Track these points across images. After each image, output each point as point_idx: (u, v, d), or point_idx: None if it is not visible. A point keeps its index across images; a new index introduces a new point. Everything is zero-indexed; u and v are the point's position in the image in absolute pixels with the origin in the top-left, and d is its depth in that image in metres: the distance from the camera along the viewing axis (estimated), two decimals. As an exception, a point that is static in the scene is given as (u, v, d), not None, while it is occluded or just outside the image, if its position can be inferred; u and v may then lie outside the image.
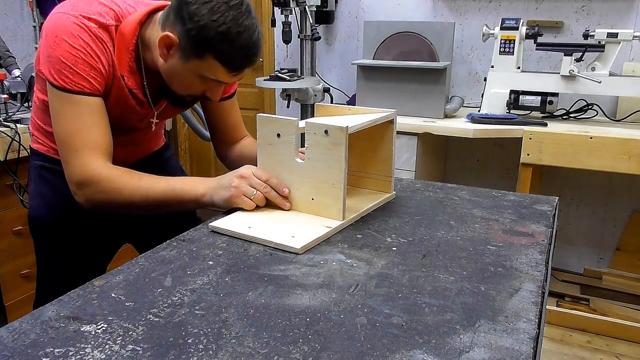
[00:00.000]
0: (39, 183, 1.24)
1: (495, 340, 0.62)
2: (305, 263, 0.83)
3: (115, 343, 0.61)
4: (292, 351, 0.60)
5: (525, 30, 2.28)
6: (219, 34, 0.98)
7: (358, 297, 0.72)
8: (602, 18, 2.46)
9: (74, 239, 1.25)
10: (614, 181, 2.56)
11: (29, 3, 2.54)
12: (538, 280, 0.78)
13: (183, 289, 0.74)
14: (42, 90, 1.11)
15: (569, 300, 2.47)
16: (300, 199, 1.00)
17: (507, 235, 0.95)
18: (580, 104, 2.38)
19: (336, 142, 0.93)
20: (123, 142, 1.19)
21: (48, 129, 1.15)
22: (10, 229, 1.92)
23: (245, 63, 1.05)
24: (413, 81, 2.36)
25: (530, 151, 2.08)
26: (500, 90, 2.33)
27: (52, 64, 1.00)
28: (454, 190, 1.21)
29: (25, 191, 1.85)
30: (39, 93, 1.14)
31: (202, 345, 0.61)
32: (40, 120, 1.20)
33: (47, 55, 1.01)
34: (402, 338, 0.63)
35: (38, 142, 1.23)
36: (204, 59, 1.01)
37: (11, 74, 2.07)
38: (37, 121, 1.21)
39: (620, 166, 1.97)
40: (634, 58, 2.45)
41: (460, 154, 2.84)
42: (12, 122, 1.83)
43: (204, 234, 0.93)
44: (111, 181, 1.03)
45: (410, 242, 0.91)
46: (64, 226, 1.23)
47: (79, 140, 1.03)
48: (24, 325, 0.64)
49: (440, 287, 0.75)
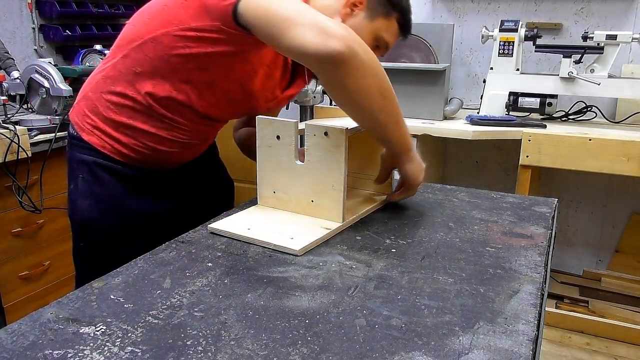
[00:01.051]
0: (90, 181, 1.11)
1: (494, 342, 0.62)
2: (304, 265, 0.82)
3: (114, 345, 0.61)
4: (291, 353, 0.60)
5: (525, 32, 2.28)
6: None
7: (357, 298, 0.72)
8: (601, 20, 2.46)
9: (123, 242, 1.14)
10: (613, 183, 2.56)
11: (28, 4, 2.53)
12: (537, 282, 0.78)
13: (182, 290, 0.74)
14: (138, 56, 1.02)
15: (568, 302, 2.47)
16: (299, 200, 1.00)
17: (506, 237, 0.96)
18: (579, 105, 2.38)
19: (336, 144, 0.93)
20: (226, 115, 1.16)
21: (115, 116, 1.06)
22: (10, 230, 1.92)
23: (408, 32, 1.13)
24: (412, 83, 2.36)
25: (530, 153, 2.08)
26: (499, 92, 2.34)
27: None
28: (453, 192, 1.21)
29: (24, 191, 1.86)
30: (122, 69, 1.05)
31: (201, 347, 0.60)
32: (105, 106, 1.07)
33: None
34: (401, 340, 0.63)
35: (92, 133, 1.09)
36: (389, 18, 1.07)
37: (10, 75, 2.06)
38: (101, 107, 1.08)
39: (619, 168, 1.97)
40: (633, 60, 2.45)
41: (460, 155, 2.84)
42: (11, 124, 1.83)
43: (203, 236, 0.93)
44: (369, 53, 0.90)
45: (409, 244, 0.91)
46: (117, 230, 1.13)
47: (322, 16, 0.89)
48: (23, 327, 0.64)
49: (439, 289, 0.75)
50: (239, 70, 1.05)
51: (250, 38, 0.95)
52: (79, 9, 2.64)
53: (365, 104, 0.92)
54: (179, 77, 1.03)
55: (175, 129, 1.09)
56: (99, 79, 1.10)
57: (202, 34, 0.97)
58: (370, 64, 0.88)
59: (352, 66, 0.86)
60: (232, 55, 1.01)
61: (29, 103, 2.08)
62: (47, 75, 1.98)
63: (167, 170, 1.15)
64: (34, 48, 2.57)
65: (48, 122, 1.97)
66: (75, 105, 1.15)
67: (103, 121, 1.08)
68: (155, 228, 1.17)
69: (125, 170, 1.10)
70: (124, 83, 1.05)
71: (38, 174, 1.91)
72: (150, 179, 1.13)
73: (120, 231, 1.13)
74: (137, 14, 1.08)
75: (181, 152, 1.14)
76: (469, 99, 2.70)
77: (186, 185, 1.20)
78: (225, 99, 1.09)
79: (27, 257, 2.00)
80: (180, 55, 1.00)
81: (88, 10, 2.68)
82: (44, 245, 2.06)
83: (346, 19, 1.04)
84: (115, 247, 1.12)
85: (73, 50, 2.61)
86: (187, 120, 1.08)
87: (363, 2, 1.04)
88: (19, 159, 1.83)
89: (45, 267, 2.07)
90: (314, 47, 0.84)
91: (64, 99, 1.97)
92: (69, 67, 2.14)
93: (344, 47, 0.84)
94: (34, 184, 1.92)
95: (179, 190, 1.18)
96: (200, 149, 1.21)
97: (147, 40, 1.01)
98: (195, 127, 1.11)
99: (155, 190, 1.14)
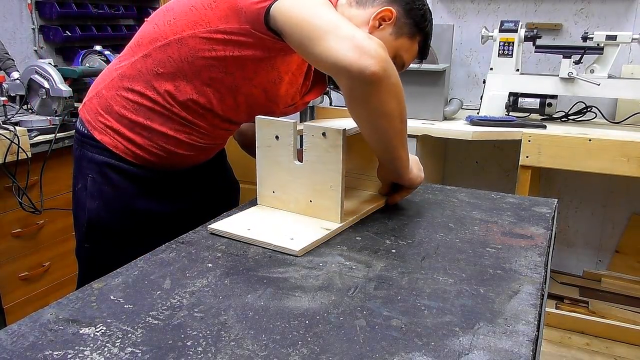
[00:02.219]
0: (100, 182, 1.09)
1: (494, 343, 0.62)
2: (304, 265, 0.82)
3: (114, 346, 0.61)
4: (291, 353, 0.60)
5: (524, 32, 2.29)
6: (430, 22, 1.09)
7: (357, 299, 0.72)
8: (601, 20, 2.46)
9: (130, 243, 1.11)
10: (612, 183, 2.56)
11: (28, 5, 2.53)
12: (537, 282, 0.78)
13: (182, 291, 0.74)
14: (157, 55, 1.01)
15: (568, 302, 2.47)
16: (298, 201, 1.00)
17: (506, 238, 0.95)
18: (579, 106, 2.38)
19: (334, 145, 0.93)
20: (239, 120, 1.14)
21: (132, 116, 1.04)
22: (9, 231, 1.92)
23: (425, 57, 1.15)
24: (412, 83, 2.36)
25: (529, 153, 2.08)
26: (499, 92, 2.34)
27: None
28: (453, 193, 1.21)
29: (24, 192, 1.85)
30: (141, 68, 1.03)
31: (201, 348, 0.60)
32: (121, 105, 1.05)
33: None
34: (401, 340, 0.63)
35: (105, 132, 1.07)
36: (413, 39, 1.08)
37: (10, 76, 2.06)
38: (116, 106, 1.05)
39: (619, 168, 1.97)
40: (633, 60, 2.45)
41: (459, 156, 2.84)
42: (11, 125, 1.83)
43: (203, 236, 0.93)
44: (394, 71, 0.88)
45: (409, 245, 0.91)
46: (124, 232, 1.11)
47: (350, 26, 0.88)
48: (23, 328, 0.64)
49: (439, 290, 0.75)
50: (264, 76, 1.04)
51: (279, 44, 0.94)
52: (78, 9, 2.64)
53: (385, 125, 0.91)
54: (202, 80, 1.01)
55: (195, 133, 1.08)
56: (115, 77, 1.07)
57: (230, 36, 0.96)
58: (398, 88, 0.88)
59: (382, 88, 0.84)
60: (259, 60, 0.99)
61: (29, 104, 2.08)
62: (47, 76, 1.98)
63: (177, 171, 1.14)
64: (33, 49, 2.57)
65: (48, 123, 1.97)
66: (87, 101, 1.12)
67: (118, 121, 1.06)
68: (163, 229, 1.13)
69: (135, 171, 1.09)
70: (143, 83, 1.03)
71: (38, 175, 1.91)
72: (160, 179, 1.12)
73: (129, 232, 1.11)
74: (160, 13, 1.05)
75: (197, 156, 1.13)
76: (469, 99, 2.70)
77: (194, 187, 1.20)
78: (246, 104, 1.07)
79: (27, 257, 2.00)
80: (205, 57, 0.98)
81: (88, 11, 2.68)
82: (44, 246, 2.05)
83: (373, 31, 1.03)
84: (122, 248, 1.08)
85: (73, 51, 2.61)
86: (206, 124, 1.07)
87: (393, 18, 1.03)
88: (19, 159, 1.83)
89: (45, 268, 2.07)
90: (347, 61, 0.82)
91: (63, 99, 1.97)
92: (68, 68, 2.14)
93: (378, 68, 0.82)
94: (33, 185, 1.92)
95: (187, 191, 1.18)
96: (214, 152, 1.21)
97: (172, 41, 1.00)
98: (214, 130, 1.10)
99: (165, 191, 1.13)
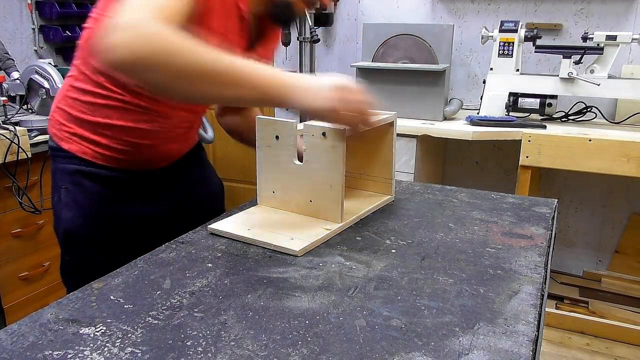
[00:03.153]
0: (73, 191, 1.09)
1: (494, 343, 0.62)
2: (304, 265, 0.82)
3: (114, 345, 0.61)
4: (291, 353, 0.60)
5: (524, 32, 2.29)
6: None
7: (357, 299, 0.72)
8: (601, 20, 2.46)
9: (110, 252, 1.07)
10: (612, 183, 2.56)
11: (28, 5, 2.53)
12: (537, 282, 0.78)
13: (182, 291, 0.74)
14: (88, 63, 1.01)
15: (568, 302, 2.47)
16: (298, 201, 1.00)
17: (506, 238, 0.96)
18: (579, 106, 2.38)
19: (334, 144, 0.93)
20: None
21: (90, 118, 1.05)
22: (9, 231, 1.92)
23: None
24: (412, 83, 2.36)
25: (529, 153, 2.08)
26: (499, 92, 2.34)
27: None
28: (453, 193, 1.21)
29: (24, 192, 1.85)
30: (84, 70, 1.04)
31: (201, 348, 0.60)
32: (78, 110, 1.06)
33: None
34: (401, 340, 0.63)
35: (71, 140, 1.08)
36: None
37: (10, 76, 2.07)
38: (75, 113, 1.06)
39: (619, 168, 1.97)
40: (633, 60, 2.45)
41: (459, 156, 2.84)
42: (11, 125, 1.83)
43: (202, 236, 0.93)
44: (160, 33, 0.78)
45: (409, 245, 0.91)
46: (103, 239, 1.10)
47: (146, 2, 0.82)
48: (23, 328, 0.64)
49: (439, 290, 0.75)
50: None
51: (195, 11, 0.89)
52: (78, 9, 2.64)
53: (185, 85, 0.81)
54: None
55: (155, 119, 1.07)
56: (67, 85, 1.11)
57: None
58: (156, 42, 0.77)
59: (124, 57, 0.77)
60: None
61: (29, 104, 2.08)
62: (47, 76, 1.98)
63: (153, 170, 1.13)
64: (33, 49, 2.57)
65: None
66: (50, 116, 1.14)
67: (79, 126, 1.07)
68: (148, 231, 1.13)
69: (108, 174, 1.08)
70: (90, 82, 1.05)
71: (38, 175, 1.91)
72: (136, 180, 1.11)
73: (105, 239, 1.09)
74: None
75: (165, 144, 1.11)
76: (469, 99, 2.70)
77: (173, 187, 1.19)
78: None
79: (27, 257, 2.00)
80: None
81: (88, 11, 2.67)
82: (44, 246, 2.06)
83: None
84: (101, 256, 1.07)
85: (73, 51, 2.60)
86: (162, 107, 1.06)
87: None
88: (19, 159, 1.83)
89: (45, 268, 2.07)
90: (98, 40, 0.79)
91: (63, 99, 1.97)
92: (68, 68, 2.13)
93: (105, 46, 0.77)
94: (33, 185, 1.92)
95: (165, 191, 1.17)
96: (184, 141, 1.19)
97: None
98: (172, 112, 1.09)
99: (142, 193, 1.12)
